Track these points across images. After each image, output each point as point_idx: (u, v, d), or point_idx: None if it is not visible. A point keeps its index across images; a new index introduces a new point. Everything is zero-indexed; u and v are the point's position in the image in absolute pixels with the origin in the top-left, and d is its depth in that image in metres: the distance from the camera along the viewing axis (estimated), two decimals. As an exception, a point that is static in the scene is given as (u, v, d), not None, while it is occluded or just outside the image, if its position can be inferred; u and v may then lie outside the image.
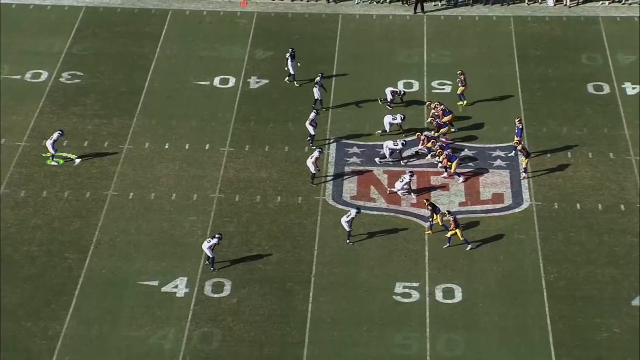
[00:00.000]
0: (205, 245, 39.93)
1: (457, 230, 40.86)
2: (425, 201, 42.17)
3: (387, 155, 45.62)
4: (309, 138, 46.52)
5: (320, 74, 49.03)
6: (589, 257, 40.95)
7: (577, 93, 50.17)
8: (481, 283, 39.84)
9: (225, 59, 52.24)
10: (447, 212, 41.42)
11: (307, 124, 46.40)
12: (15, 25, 55.10)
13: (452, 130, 47.15)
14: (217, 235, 40.05)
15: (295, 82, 50.60)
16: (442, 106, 47.08)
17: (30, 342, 37.34)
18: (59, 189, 44.21)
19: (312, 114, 46.52)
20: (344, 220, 41.22)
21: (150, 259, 40.67)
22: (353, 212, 41.26)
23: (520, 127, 45.82)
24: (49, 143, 45.35)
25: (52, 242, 41.53)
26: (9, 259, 40.72)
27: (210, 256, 40.00)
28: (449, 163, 44.54)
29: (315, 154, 44.20)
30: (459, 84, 49.16)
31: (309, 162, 44.08)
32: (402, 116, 47.02)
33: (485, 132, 47.58)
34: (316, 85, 48.42)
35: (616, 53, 53.05)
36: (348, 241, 41.38)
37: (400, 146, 45.55)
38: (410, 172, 43.97)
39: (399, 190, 43.75)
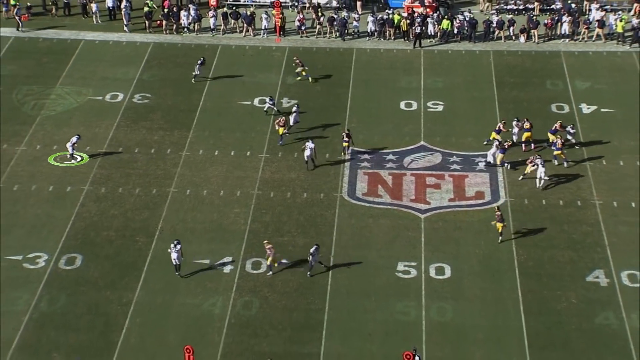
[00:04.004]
0: (175, 255, 38.13)
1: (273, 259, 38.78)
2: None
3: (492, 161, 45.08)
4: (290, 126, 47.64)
5: (269, 96, 49.36)
6: (552, 243, 40.77)
7: (543, 112, 49.92)
8: (466, 263, 39.71)
9: (262, 84, 52.30)
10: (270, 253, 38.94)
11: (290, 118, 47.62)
12: (98, 57, 55.33)
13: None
14: (176, 240, 38.53)
15: (194, 80, 52.00)
16: (564, 125, 46.22)
17: (108, 308, 37.50)
18: (132, 187, 44.31)
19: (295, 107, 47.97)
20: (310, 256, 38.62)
21: (203, 243, 40.71)
22: (313, 249, 38.72)
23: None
24: (69, 145, 45.35)
25: (126, 229, 41.64)
26: (92, 241, 40.88)
27: (178, 263, 38.29)
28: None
29: (309, 144, 44.55)
30: (299, 68, 51.74)
31: (306, 155, 44.52)
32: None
33: (470, 143, 47.40)
34: (268, 101, 49.20)
35: (574, 80, 52.79)
36: (309, 274, 38.69)
37: (495, 149, 44.99)
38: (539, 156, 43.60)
39: (542, 177, 43.15)
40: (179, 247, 38.49)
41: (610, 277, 38.72)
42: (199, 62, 52.50)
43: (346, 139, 46.13)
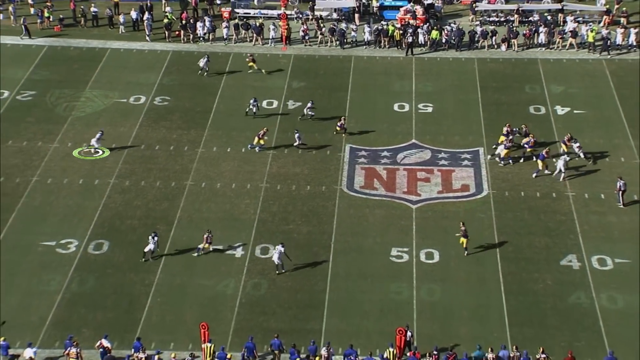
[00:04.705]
0: (152, 246, 38.29)
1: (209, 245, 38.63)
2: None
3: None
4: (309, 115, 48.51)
5: (253, 98, 49.13)
6: (530, 230, 40.82)
7: (522, 113, 49.92)
8: (453, 248, 39.75)
9: (270, 88, 52.28)
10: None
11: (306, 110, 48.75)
12: (123, 64, 55.33)
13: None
14: (153, 232, 38.68)
15: (206, 74, 52.73)
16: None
17: (132, 288, 37.59)
18: (153, 180, 44.36)
19: (309, 104, 48.72)
20: (275, 256, 37.65)
21: (216, 230, 40.69)
22: (279, 247, 37.89)
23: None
24: (94, 140, 45.63)
25: (148, 218, 41.70)
26: (118, 229, 40.95)
27: (153, 250, 38.38)
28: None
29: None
30: (252, 63, 52.58)
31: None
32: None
33: (457, 141, 47.41)
34: (252, 105, 48.95)
35: (550, 85, 52.78)
36: (280, 271, 37.82)
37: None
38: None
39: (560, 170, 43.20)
40: (156, 238, 38.49)
41: (581, 261, 38.79)
42: (205, 59, 52.81)
43: (339, 124, 47.12)
